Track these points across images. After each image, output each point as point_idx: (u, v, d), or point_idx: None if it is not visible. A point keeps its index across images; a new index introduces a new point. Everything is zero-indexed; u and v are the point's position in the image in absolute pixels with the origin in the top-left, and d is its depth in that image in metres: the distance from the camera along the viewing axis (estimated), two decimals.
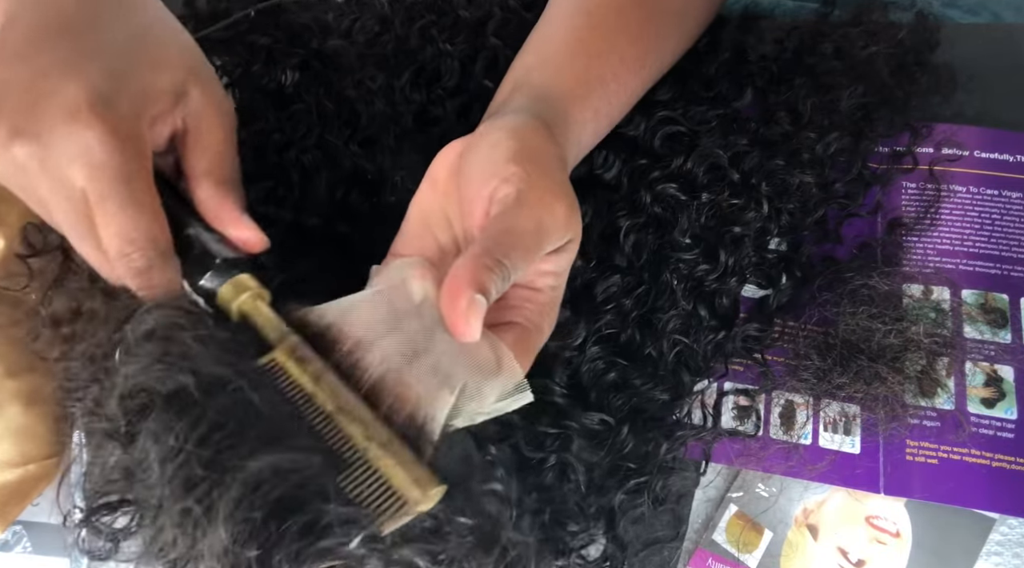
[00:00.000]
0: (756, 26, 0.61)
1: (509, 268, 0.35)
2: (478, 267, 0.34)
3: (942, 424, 0.51)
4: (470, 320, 0.34)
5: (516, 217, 0.37)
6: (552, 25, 0.50)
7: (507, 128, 0.41)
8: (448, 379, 0.36)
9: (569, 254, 0.40)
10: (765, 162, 0.55)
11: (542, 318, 0.40)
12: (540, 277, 0.40)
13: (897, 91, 0.59)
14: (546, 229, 0.38)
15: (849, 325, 0.51)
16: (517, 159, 0.38)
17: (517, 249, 0.36)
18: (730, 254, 0.53)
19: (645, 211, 0.53)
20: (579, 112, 0.46)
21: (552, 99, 0.45)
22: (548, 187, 0.38)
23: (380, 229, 0.50)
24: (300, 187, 0.51)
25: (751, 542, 0.50)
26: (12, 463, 0.51)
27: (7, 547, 0.54)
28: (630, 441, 0.48)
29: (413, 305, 0.38)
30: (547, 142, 0.41)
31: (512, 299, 0.39)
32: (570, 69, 0.47)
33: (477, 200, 0.39)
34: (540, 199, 0.38)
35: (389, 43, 0.58)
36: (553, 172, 0.40)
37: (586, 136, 0.47)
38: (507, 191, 0.37)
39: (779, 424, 0.52)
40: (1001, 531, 0.49)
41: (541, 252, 0.38)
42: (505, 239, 0.36)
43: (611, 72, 0.48)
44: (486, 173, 0.39)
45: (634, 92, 0.51)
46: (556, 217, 0.38)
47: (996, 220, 0.57)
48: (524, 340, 0.39)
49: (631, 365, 0.50)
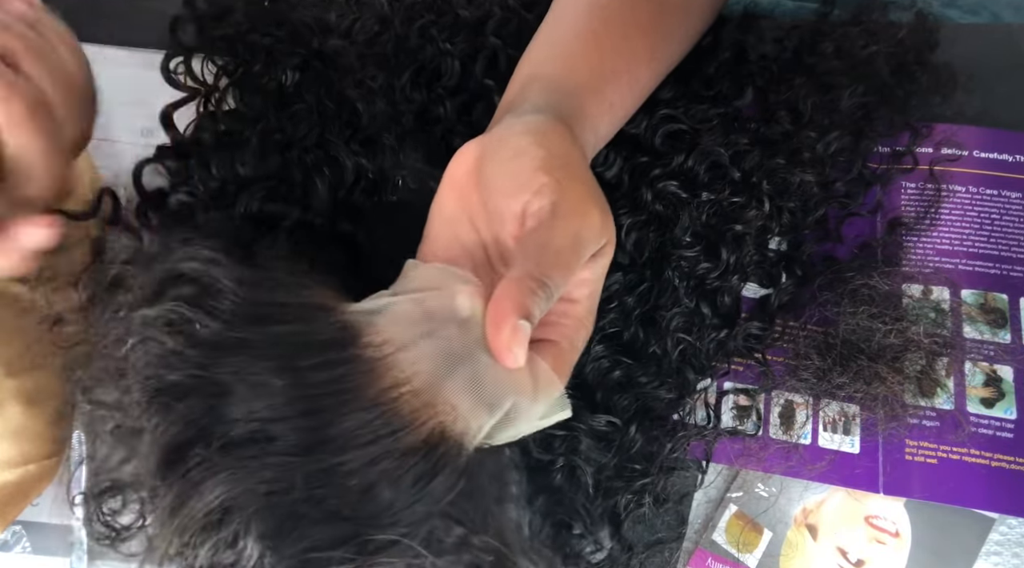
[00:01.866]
0: (756, 26, 0.61)
1: (552, 287, 0.35)
2: (522, 291, 0.34)
3: (941, 424, 0.51)
4: (513, 348, 0.33)
5: (553, 231, 0.36)
6: (563, 19, 0.49)
7: (530, 133, 0.40)
8: (488, 398, 0.35)
9: (605, 259, 0.39)
10: (766, 161, 0.55)
11: (578, 332, 0.39)
12: (577, 287, 0.39)
13: (897, 90, 0.59)
14: (583, 240, 0.37)
15: (849, 325, 0.52)
16: (546, 168, 0.38)
17: (558, 267, 0.36)
18: (732, 252, 0.53)
19: (646, 209, 0.53)
20: (595, 105, 0.45)
21: (568, 92, 0.44)
22: (581, 195, 0.38)
23: (383, 228, 0.51)
24: (303, 186, 0.51)
25: (751, 542, 0.51)
26: (12, 463, 0.50)
27: (7, 547, 0.54)
28: (638, 440, 0.48)
29: (456, 317, 0.37)
30: (572, 145, 0.41)
31: (551, 315, 0.38)
32: (584, 62, 0.46)
33: (508, 214, 0.38)
34: (574, 209, 0.37)
35: (389, 43, 0.58)
36: (583, 177, 0.39)
37: (602, 129, 0.47)
38: (541, 204, 0.37)
39: (779, 424, 0.52)
40: (1000, 531, 0.49)
41: (581, 264, 0.37)
42: (544, 258, 0.36)
43: (624, 65, 0.47)
44: (516, 185, 0.38)
45: (645, 86, 0.50)
46: (592, 225, 0.37)
47: (996, 220, 0.57)
48: (561, 358, 0.38)
49: (636, 363, 0.50)
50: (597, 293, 0.40)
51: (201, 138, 0.55)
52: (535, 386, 0.36)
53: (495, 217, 0.39)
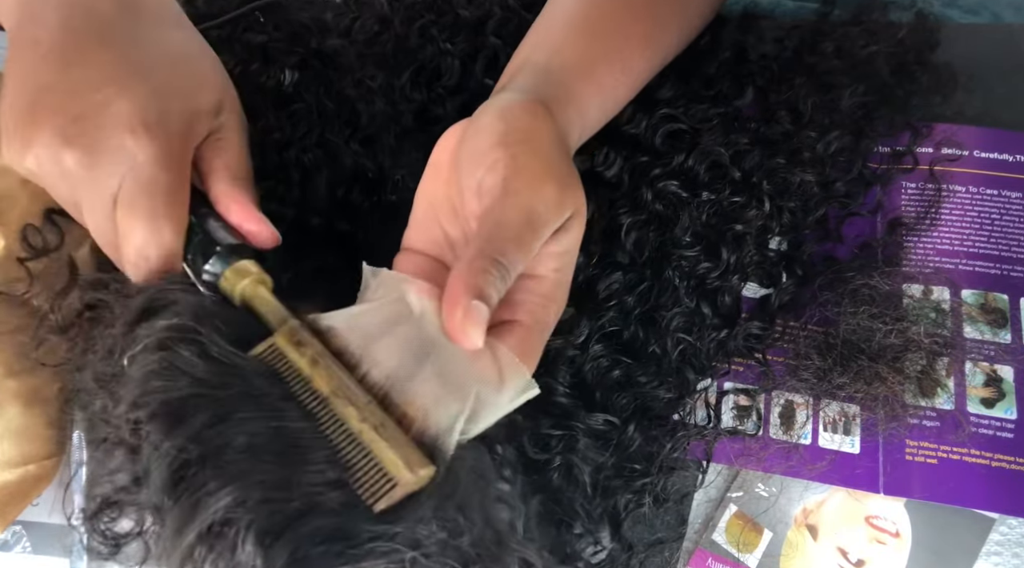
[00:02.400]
0: (756, 25, 0.61)
1: (507, 265, 0.35)
2: (473, 271, 0.34)
3: (942, 424, 0.51)
4: (467, 329, 0.33)
5: (504, 208, 0.36)
6: (555, 7, 0.49)
7: (495, 109, 0.40)
8: (455, 390, 0.35)
9: (572, 233, 0.39)
10: (766, 160, 0.55)
11: (547, 310, 0.39)
12: (541, 263, 0.38)
13: (897, 90, 0.59)
14: (538, 215, 0.36)
15: (850, 325, 0.51)
16: (504, 142, 0.38)
17: (510, 243, 0.35)
18: (732, 252, 0.53)
19: (646, 208, 0.53)
20: (583, 86, 0.45)
21: (554, 73, 0.44)
22: (535, 169, 0.37)
23: (382, 228, 0.51)
24: (301, 186, 0.51)
25: (751, 542, 0.50)
26: (12, 463, 0.50)
27: (7, 547, 0.54)
28: (636, 440, 0.48)
29: (410, 316, 0.37)
30: (538, 119, 0.40)
31: (514, 293, 0.38)
32: (573, 46, 0.46)
33: (467, 190, 0.38)
34: (527, 184, 0.37)
35: (389, 42, 0.58)
36: (542, 151, 0.39)
37: (591, 110, 0.46)
38: (493, 180, 0.37)
39: (779, 424, 0.52)
40: (1000, 531, 0.49)
41: (539, 240, 0.37)
42: (497, 234, 0.35)
43: (616, 50, 0.47)
44: (474, 160, 0.38)
45: (639, 72, 0.50)
46: (546, 199, 0.37)
47: (996, 220, 0.57)
48: (527, 339, 0.38)
49: (635, 363, 0.50)
50: (567, 268, 0.40)
51: None
52: (500, 371, 0.36)
53: (461, 198, 0.39)
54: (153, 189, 0.39)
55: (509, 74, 0.46)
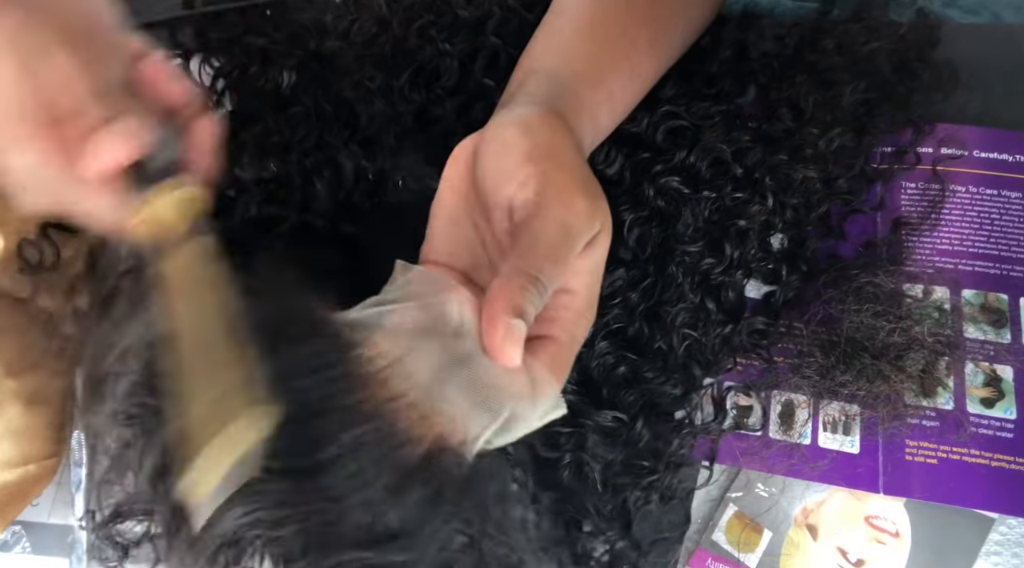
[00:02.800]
0: (757, 24, 0.61)
1: (544, 281, 0.35)
2: (512, 288, 0.34)
3: (942, 424, 0.51)
4: (506, 347, 0.34)
5: (539, 224, 0.36)
6: (561, 13, 0.49)
7: (517, 124, 0.40)
8: (487, 402, 0.35)
9: (601, 247, 0.39)
10: (768, 157, 0.55)
11: (578, 325, 0.39)
12: (574, 278, 0.38)
13: (899, 87, 0.59)
14: (573, 229, 0.37)
15: (853, 323, 0.51)
16: (532, 158, 0.38)
17: (547, 259, 0.35)
18: (735, 247, 0.53)
19: (648, 204, 0.52)
20: (593, 93, 0.45)
21: (564, 81, 0.44)
22: (565, 183, 0.37)
23: (383, 228, 0.50)
24: (302, 189, 0.51)
25: (751, 542, 0.51)
26: (12, 463, 0.50)
27: (7, 547, 0.54)
28: (645, 436, 0.48)
29: (449, 325, 0.37)
30: (559, 133, 0.40)
31: (549, 308, 0.38)
32: (581, 52, 0.46)
33: (497, 208, 0.38)
34: (559, 199, 0.37)
35: (387, 43, 0.58)
36: (570, 164, 0.39)
37: (602, 117, 0.46)
38: (525, 196, 0.37)
39: (779, 424, 0.52)
40: (1000, 531, 0.49)
41: (574, 253, 0.37)
42: (533, 252, 0.35)
43: (623, 54, 0.47)
44: (503, 178, 0.38)
45: (646, 77, 0.50)
46: (578, 212, 0.37)
47: (996, 220, 0.57)
48: (560, 355, 0.38)
49: (641, 359, 0.50)
50: (596, 283, 0.40)
51: None
52: (533, 388, 0.36)
53: (489, 214, 0.39)
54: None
55: (517, 82, 0.46)
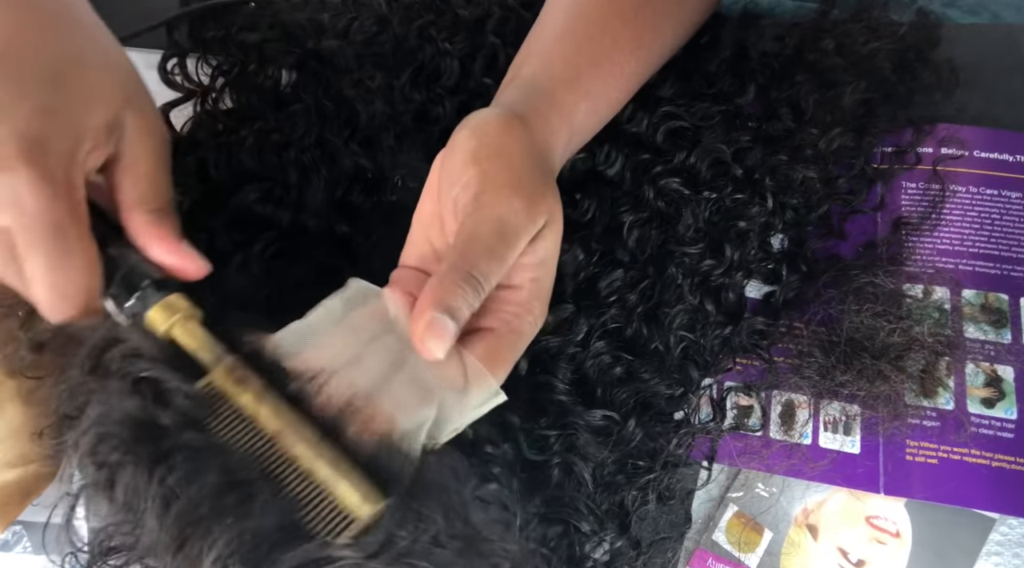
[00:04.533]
0: (757, 24, 0.61)
1: (479, 278, 0.36)
2: (443, 285, 0.35)
3: (942, 424, 0.51)
4: (427, 340, 0.35)
5: (476, 222, 0.37)
6: (544, 20, 0.50)
7: (469, 127, 0.40)
8: (424, 395, 0.36)
9: (547, 242, 0.39)
10: (768, 157, 0.55)
11: (520, 319, 0.39)
12: (517, 273, 0.39)
13: (899, 87, 0.59)
14: (509, 226, 0.37)
15: (853, 323, 0.51)
16: (475, 159, 0.38)
17: (482, 257, 0.36)
18: (735, 248, 0.53)
19: (648, 206, 0.53)
20: (567, 93, 0.45)
21: (538, 85, 0.45)
22: (505, 181, 0.38)
23: (383, 229, 0.50)
24: (298, 188, 0.51)
25: (751, 542, 0.50)
26: (12, 463, 0.50)
27: (7, 547, 0.54)
28: (638, 435, 0.48)
29: (384, 325, 0.38)
30: (510, 132, 0.40)
31: (489, 302, 0.38)
32: (558, 55, 0.47)
33: (445, 210, 0.39)
34: (497, 197, 0.37)
35: (387, 43, 0.58)
36: (513, 163, 0.39)
37: (579, 116, 0.46)
38: (466, 197, 0.38)
39: (779, 424, 0.52)
40: (1001, 531, 0.49)
41: (512, 250, 0.37)
42: (469, 248, 0.36)
43: (604, 54, 0.47)
44: (450, 179, 0.39)
45: (633, 75, 0.50)
46: (516, 211, 0.37)
47: (996, 220, 0.57)
48: (498, 346, 0.38)
49: (637, 359, 0.50)
50: (544, 278, 0.40)
51: (198, 137, 0.55)
52: (465, 378, 0.37)
53: (443, 215, 0.40)
54: (45, 222, 0.35)
55: (500, 90, 0.47)
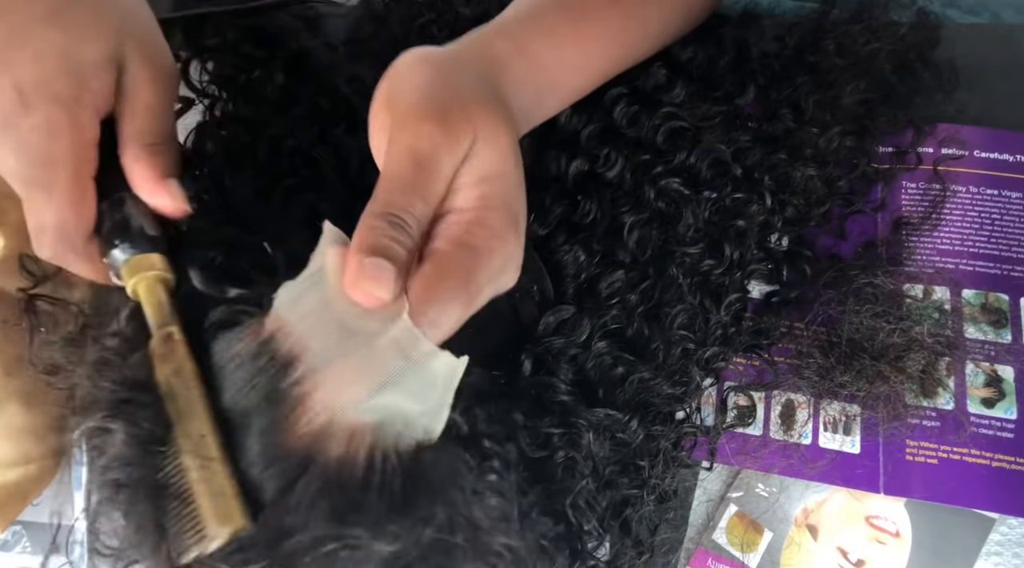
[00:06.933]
0: (757, 24, 0.61)
1: (398, 213, 0.34)
2: (366, 228, 0.34)
3: (942, 424, 0.51)
4: (359, 283, 0.33)
5: (388, 160, 0.36)
6: None
7: (387, 76, 0.39)
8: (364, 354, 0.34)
9: (483, 158, 0.37)
10: (768, 157, 0.55)
11: (473, 233, 0.36)
12: (458, 194, 0.37)
13: (900, 87, 0.59)
14: (423, 153, 0.35)
15: (853, 323, 0.51)
16: (388, 105, 0.37)
17: (397, 192, 0.35)
18: (735, 248, 0.53)
19: (649, 206, 0.53)
20: (524, 26, 0.44)
21: (492, 24, 0.44)
22: (412, 111, 0.36)
23: None
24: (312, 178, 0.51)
25: (751, 542, 0.51)
26: (12, 463, 0.50)
27: (7, 547, 0.54)
28: (639, 434, 0.48)
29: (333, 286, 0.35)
30: (418, 63, 0.39)
31: (433, 230, 0.37)
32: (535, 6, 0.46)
33: (378, 162, 0.38)
34: (403, 127, 0.36)
35: (387, 42, 0.58)
36: (420, 90, 0.37)
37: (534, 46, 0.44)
38: (381, 141, 0.37)
39: (779, 424, 0.52)
40: (1001, 531, 0.49)
41: (435, 178, 0.35)
42: (384, 188, 0.35)
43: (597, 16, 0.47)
44: (373, 131, 0.38)
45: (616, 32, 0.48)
46: (425, 135, 0.35)
47: (996, 220, 0.57)
48: (445, 263, 0.36)
49: (638, 360, 0.50)
50: (495, 192, 0.37)
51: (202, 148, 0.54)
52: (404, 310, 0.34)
53: None
54: (46, 161, 0.37)
55: None
